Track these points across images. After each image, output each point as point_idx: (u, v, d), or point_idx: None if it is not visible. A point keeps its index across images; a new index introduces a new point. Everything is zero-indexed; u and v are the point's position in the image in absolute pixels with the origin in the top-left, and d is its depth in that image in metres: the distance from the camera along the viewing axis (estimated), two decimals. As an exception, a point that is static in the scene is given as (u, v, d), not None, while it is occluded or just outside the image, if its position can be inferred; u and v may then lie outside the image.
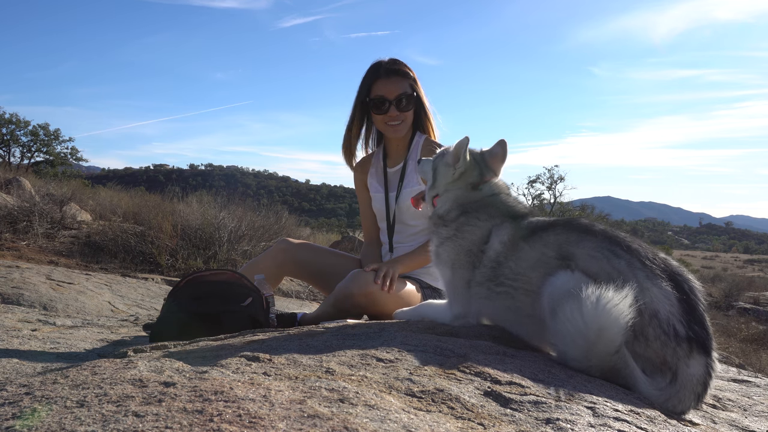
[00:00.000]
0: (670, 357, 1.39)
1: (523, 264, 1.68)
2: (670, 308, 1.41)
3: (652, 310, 1.41)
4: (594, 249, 1.56)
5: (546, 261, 1.63)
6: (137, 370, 1.04)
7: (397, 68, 2.65)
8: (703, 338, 1.40)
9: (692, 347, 1.38)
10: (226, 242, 7.31)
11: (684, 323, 1.40)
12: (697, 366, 1.38)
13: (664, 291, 1.43)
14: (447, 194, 1.96)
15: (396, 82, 2.62)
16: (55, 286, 3.88)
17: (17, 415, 0.80)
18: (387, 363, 1.29)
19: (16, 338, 2.03)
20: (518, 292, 1.69)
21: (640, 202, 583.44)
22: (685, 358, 1.38)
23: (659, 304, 1.41)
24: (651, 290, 1.43)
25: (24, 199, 8.19)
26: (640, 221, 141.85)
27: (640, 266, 1.48)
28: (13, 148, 27.14)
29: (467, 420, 0.99)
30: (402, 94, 2.61)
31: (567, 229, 1.67)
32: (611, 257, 1.52)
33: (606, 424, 1.08)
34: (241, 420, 0.81)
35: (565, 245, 1.62)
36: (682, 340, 1.38)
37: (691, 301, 1.44)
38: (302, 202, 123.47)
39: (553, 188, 34.09)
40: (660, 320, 1.40)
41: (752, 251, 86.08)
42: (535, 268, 1.65)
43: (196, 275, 2.28)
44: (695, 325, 1.41)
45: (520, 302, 1.69)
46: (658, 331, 1.40)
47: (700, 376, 1.38)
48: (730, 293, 17.57)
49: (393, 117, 2.62)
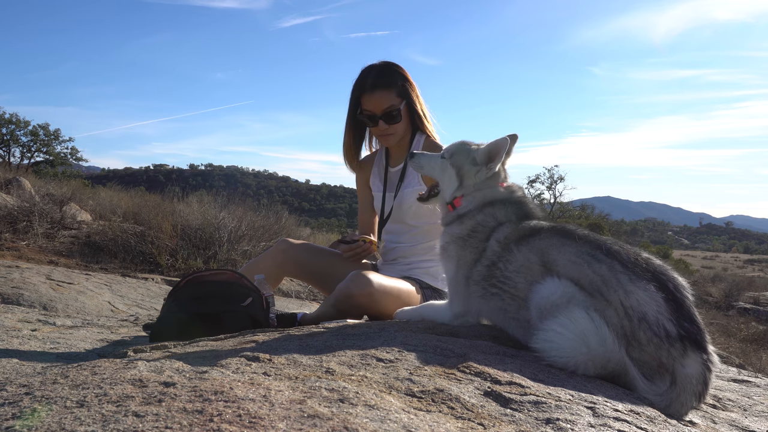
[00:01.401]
0: (666, 359, 1.38)
1: (510, 267, 1.69)
2: (657, 309, 1.40)
3: (640, 313, 1.40)
4: (575, 254, 1.56)
5: (529, 267, 1.64)
6: (137, 370, 1.04)
7: (382, 81, 2.57)
8: (695, 334, 1.40)
9: (685, 346, 1.38)
10: (226, 242, 7.31)
11: (674, 322, 1.39)
12: (693, 365, 1.38)
13: (649, 292, 1.42)
14: (476, 194, 1.91)
15: (382, 96, 2.55)
16: (55, 286, 3.88)
17: (17, 415, 0.80)
18: (387, 363, 1.29)
19: (16, 338, 2.03)
20: (506, 295, 1.70)
21: (640, 202, 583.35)
22: (681, 358, 1.37)
23: (646, 307, 1.41)
24: (635, 293, 1.43)
25: (24, 199, 8.18)
26: (640, 221, 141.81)
27: (622, 269, 1.48)
28: (13, 148, 27.16)
29: (467, 420, 0.99)
30: (388, 108, 2.55)
31: (550, 234, 1.67)
32: (592, 262, 1.52)
33: (606, 424, 1.08)
34: (241, 420, 0.81)
35: (547, 251, 1.62)
36: (674, 339, 1.38)
37: (677, 298, 1.43)
38: (302, 202, 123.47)
39: (553, 188, 34.11)
40: (649, 323, 1.39)
41: (752, 251, 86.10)
42: (519, 272, 1.66)
43: (196, 275, 2.28)
44: (685, 322, 1.40)
45: (508, 305, 1.70)
46: (650, 333, 1.39)
47: (698, 375, 1.38)
48: (730, 293, 17.57)
49: (382, 130, 2.61)
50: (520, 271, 1.66)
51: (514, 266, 1.68)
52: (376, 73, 2.60)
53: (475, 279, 1.80)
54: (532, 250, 1.66)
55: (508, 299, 1.69)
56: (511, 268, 1.69)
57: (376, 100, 2.56)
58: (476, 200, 1.90)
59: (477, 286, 1.80)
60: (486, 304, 1.79)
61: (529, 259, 1.65)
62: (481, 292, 1.78)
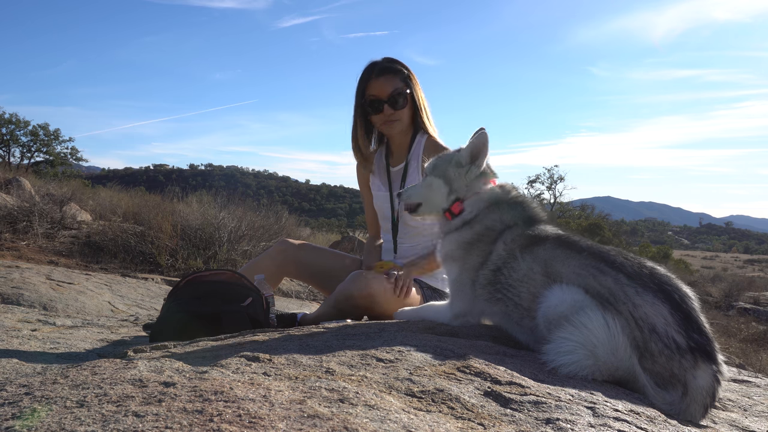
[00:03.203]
0: (677, 369, 1.38)
1: (514, 276, 1.68)
2: (665, 321, 1.40)
3: (650, 324, 1.40)
4: (579, 267, 1.55)
5: (532, 277, 1.63)
6: (137, 370, 1.04)
7: (388, 66, 2.63)
8: (705, 345, 1.39)
9: (696, 357, 1.37)
10: (226, 242, 7.31)
11: (683, 333, 1.38)
12: (704, 377, 1.37)
13: (655, 305, 1.42)
14: (476, 197, 1.87)
15: (388, 80, 2.60)
16: (55, 286, 3.88)
17: (17, 415, 0.80)
18: (387, 363, 1.29)
19: (16, 338, 2.03)
20: (510, 302, 1.69)
21: (640, 202, 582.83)
22: (692, 369, 1.37)
23: (655, 319, 1.40)
24: (643, 306, 1.42)
25: (24, 199, 8.19)
26: (640, 221, 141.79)
27: (628, 282, 1.47)
28: (13, 148, 27.18)
29: (467, 420, 0.99)
30: (394, 91, 2.59)
31: (554, 246, 1.66)
32: (597, 275, 1.51)
33: (606, 424, 1.08)
34: (241, 420, 0.81)
35: (551, 262, 1.61)
36: (684, 351, 1.37)
37: (683, 309, 1.43)
38: (302, 202, 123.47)
39: (553, 188, 34.11)
40: (659, 334, 1.39)
41: (752, 251, 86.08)
42: (523, 282, 1.65)
43: (196, 275, 2.28)
44: (694, 333, 1.39)
45: (512, 311, 1.70)
46: (660, 345, 1.38)
47: (708, 387, 1.37)
48: (730, 293, 17.55)
49: (388, 115, 2.61)
50: (524, 281, 1.65)
51: (518, 275, 1.67)
52: (382, 62, 2.67)
53: (482, 283, 1.79)
54: (536, 260, 1.65)
55: (512, 306, 1.69)
56: (515, 276, 1.68)
57: (382, 84, 2.60)
58: (481, 203, 1.86)
59: (483, 290, 1.79)
60: (491, 307, 1.79)
61: (532, 269, 1.64)
62: (487, 296, 1.78)
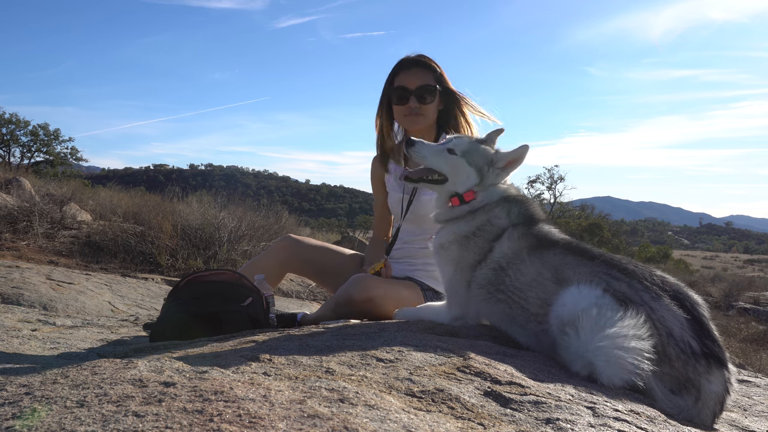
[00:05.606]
0: (692, 374, 1.38)
1: (521, 279, 1.67)
2: (681, 326, 1.41)
3: (667, 329, 1.41)
4: (591, 274, 1.54)
5: (542, 282, 1.62)
6: (137, 370, 1.04)
7: (420, 60, 2.58)
8: (717, 352, 1.41)
9: (710, 363, 1.38)
10: (226, 242, 7.31)
11: (697, 339, 1.40)
12: (717, 383, 1.38)
13: (671, 310, 1.43)
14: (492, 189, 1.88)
15: (418, 73, 2.54)
16: (55, 286, 3.87)
17: (17, 415, 0.80)
18: (387, 363, 1.29)
19: (16, 338, 2.03)
20: (516, 305, 1.68)
21: (640, 202, 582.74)
22: (706, 374, 1.38)
23: (671, 323, 1.41)
24: (659, 311, 1.43)
25: (24, 199, 8.18)
26: (640, 221, 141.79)
27: (642, 287, 1.48)
28: (13, 148, 27.20)
29: (467, 420, 0.99)
30: (424, 85, 2.52)
31: (565, 252, 1.65)
32: (611, 281, 1.51)
33: (606, 424, 1.08)
34: (241, 420, 0.81)
35: (561, 269, 1.60)
36: (699, 356, 1.38)
37: (696, 316, 1.44)
38: (302, 202, 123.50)
39: (553, 188, 34.11)
40: (676, 339, 1.40)
41: (752, 251, 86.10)
42: (531, 286, 1.64)
43: (196, 275, 2.28)
44: (707, 339, 1.41)
45: (516, 314, 1.69)
46: (677, 350, 1.39)
47: (719, 394, 1.38)
48: (730, 293, 17.54)
49: (412, 108, 2.53)
50: (533, 286, 1.64)
51: (526, 278, 1.66)
52: (416, 56, 2.61)
53: (479, 282, 1.78)
54: (545, 265, 1.63)
55: (517, 309, 1.67)
56: (522, 280, 1.67)
57: (413, 75, 2.54)
58: (494, 195, 1.87)
59: (481, 290, 1.77)
60: (489, 308, 1.77)
61: (542, 274, 1.63)
62: (485, 295, 1.76)
